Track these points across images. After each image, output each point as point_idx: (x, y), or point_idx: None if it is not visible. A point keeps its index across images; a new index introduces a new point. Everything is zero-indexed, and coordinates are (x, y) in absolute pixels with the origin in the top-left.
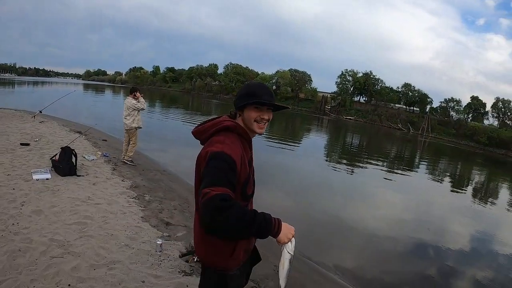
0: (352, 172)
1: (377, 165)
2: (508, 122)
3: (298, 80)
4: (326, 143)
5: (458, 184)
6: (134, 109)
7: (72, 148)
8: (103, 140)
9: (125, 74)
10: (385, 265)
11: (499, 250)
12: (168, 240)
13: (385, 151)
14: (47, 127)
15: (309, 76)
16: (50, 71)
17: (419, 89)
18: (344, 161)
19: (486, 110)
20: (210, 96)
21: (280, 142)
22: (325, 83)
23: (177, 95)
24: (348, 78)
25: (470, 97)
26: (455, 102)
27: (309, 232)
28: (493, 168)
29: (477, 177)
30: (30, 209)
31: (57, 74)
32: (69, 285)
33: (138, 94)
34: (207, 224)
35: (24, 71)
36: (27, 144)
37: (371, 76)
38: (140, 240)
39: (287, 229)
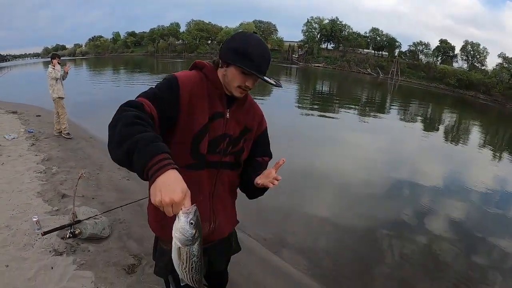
0: (324, 118)
1: (348, 110)
2: (477, 65)
3: (263, 31)
4: (296, 91)
5: (429, 126)
6: (51, 79)
7: None
8: (37, 115)
9: (85, 45)
10: (359, 207)
11: (471, 188)
12: (55, 215)
13: (356, 96)
14: None
15: (274, 26)
16: (6, 55)
17: (387, 34)
18: (316, 108)
19: (455, 53)
20: (175, 56)
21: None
22: (291, 33)
23: (141, 59)
24: (315, 26)
25: (439, 40)
26: (424, 46)
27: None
28: (463, 109)
29: (448, 118)
30: None
31: (15, 57)
32: None
33: (54, 61)
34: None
35: None
36: None
37: (338, 22)
38: (24, 219)
39: (165, 185)
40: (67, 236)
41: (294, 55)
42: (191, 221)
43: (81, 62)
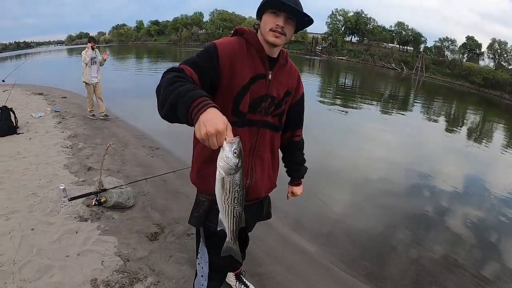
0: (346, 112)
1: (371, 105)
2: (504, 64)
3: None
4: (318, 84)
5: (453, 124)
6: (82, 62)
7: (10, 107)
8: (62, 97)
9: (108, 33)
10: (378, 206)
11: (492, 190)
12: (81, 185)
13: (379, 91)
14: (8, 94)
15: None
16: (31, 42)
17: (412, 28)
18: (338, 102)
19: (482, 51)
20: (198, 45)
21: None
22: (315, 24)
23: (164, 48)
24: (339, 18)
25: (466, 37)
26: (450, 42)
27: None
28: (488, 109)
29: (472, 117)
30: None
31: (39, 44)
32: None
33: (88, 45)
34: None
35: (5, 47)
36: None
37: (363, 15)
38: (50, 187)
39: (208, 119)
40: (93, 203)
41: (317, 47)
42: (235, 150)
43: (104, 50)
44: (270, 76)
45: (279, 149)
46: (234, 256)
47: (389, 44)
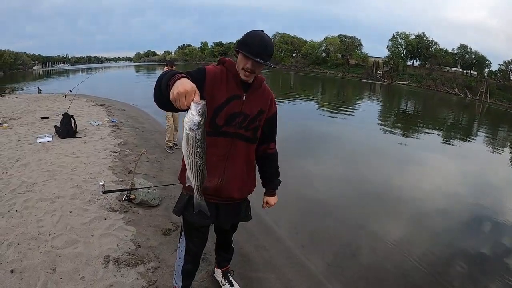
0: (407, 139)
1: (432, 133)
2: None
3: (348, 45)
4: (379, 110)
5: None
6: None
7: (71, 114)
8: (121, 109)
9: (174, 53)
10: (434, 239)
11: None
12: (119, 184)
13: (441, 118)
14: (74, 103)
15: (359, 41)
16: (101, 57)
17: (476, 51)
18: (398, 129)
19: None
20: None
21: (333, 111)
22: (376, 48)
23: None
24: (400, 41)
25: None
26: None
27: (356, 202)
28: None
29: None
30: (21, 163)
31: (109, 60)
32: (16, 210)
33: (165, 68)
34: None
35: (77, 60)
36: (47, 118)
37: (424, 38)
38: (93, 183)
39: (179, 83)
40: (123, 198)
41: (378, 71)
42: (199, 110)
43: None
44: (244, 97)
45: (255, 161)
46: (203, 211)
47: (452, 68)
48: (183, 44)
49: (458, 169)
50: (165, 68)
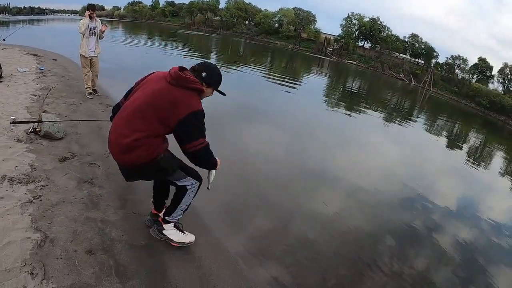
0: (349, 116)
1: (375, 112)
2: None
3: (302, 19)
4: (325, 85)
5: (453, 143)
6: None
7: None
8: (53, 59)
9: (123, 9)
10: (369, 215)
11: (485, 213)
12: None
13: (385, 100)
14: (5, 52)
15: (313, 16)
16: (45, 9)
17: (426, 42)
18: (342, 106)
19: (492, 74)
20: (210, 31)
21: (280, 81)
22: (329, 25)
23: (176, 29)
24: (354, 22)
25: (478, 58)
26: (461, 60)
27: (294, 179)
28: (490, 133)
29: (474, 138)
30: None
31: (53, 12)
32: None
33: (86, 13)
34: (205, 160)
35: (19, 11)
36: None
37: (378, 22)
38: (6, 118)
39: (219, 162)
40: (30, 131)
41: (328, 48)
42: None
43: (117, 24)
44: None
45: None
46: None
47: (401, 55)
48: (134, 1)
49: (395, 150)
50: (86, 13)
